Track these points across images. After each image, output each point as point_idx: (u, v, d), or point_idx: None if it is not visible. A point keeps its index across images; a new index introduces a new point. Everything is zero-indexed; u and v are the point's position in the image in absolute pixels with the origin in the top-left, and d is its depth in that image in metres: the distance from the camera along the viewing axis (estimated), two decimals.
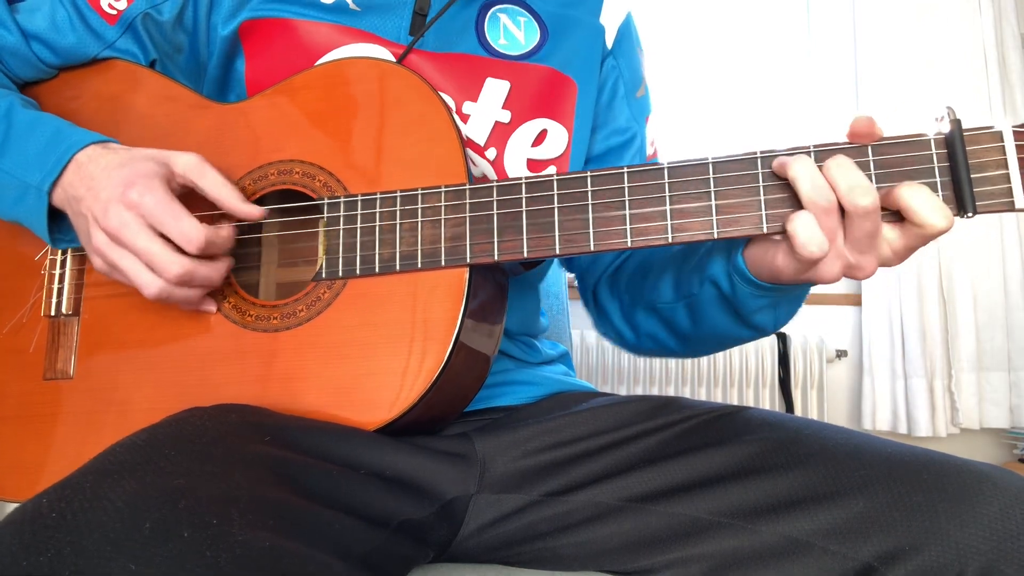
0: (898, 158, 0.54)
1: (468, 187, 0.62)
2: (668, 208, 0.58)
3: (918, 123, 2.06)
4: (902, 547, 0.53)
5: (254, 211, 0.64)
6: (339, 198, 0.65)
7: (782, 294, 0.63)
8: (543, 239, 0.60)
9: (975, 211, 0.52)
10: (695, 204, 0.57)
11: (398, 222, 0.63)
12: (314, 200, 0.66)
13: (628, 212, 0.58)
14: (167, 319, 0.67)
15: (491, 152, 0.75)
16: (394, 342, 0.61)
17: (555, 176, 0.60)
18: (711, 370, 2.02)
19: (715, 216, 0.57)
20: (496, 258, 0.60)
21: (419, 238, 0.62)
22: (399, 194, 0.63)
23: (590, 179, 0.59)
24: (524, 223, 0.60)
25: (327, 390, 0.62)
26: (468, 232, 0.61)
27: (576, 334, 2.01)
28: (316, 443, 0.55)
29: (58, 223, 0.67)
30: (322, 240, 0.65)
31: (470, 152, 0.68)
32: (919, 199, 0.51)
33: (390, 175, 0.65)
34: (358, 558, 0.49)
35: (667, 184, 0.58)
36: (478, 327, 0.64)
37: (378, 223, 0.63)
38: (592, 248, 0.59)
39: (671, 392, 2.02)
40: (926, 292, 2.07)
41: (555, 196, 0.60)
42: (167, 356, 0.66)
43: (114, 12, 0.74)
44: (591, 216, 0.59)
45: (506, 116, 0.76)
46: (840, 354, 2.11)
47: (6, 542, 0.36)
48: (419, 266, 0.62)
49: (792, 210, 0.55)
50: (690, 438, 0.65)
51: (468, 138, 0.74)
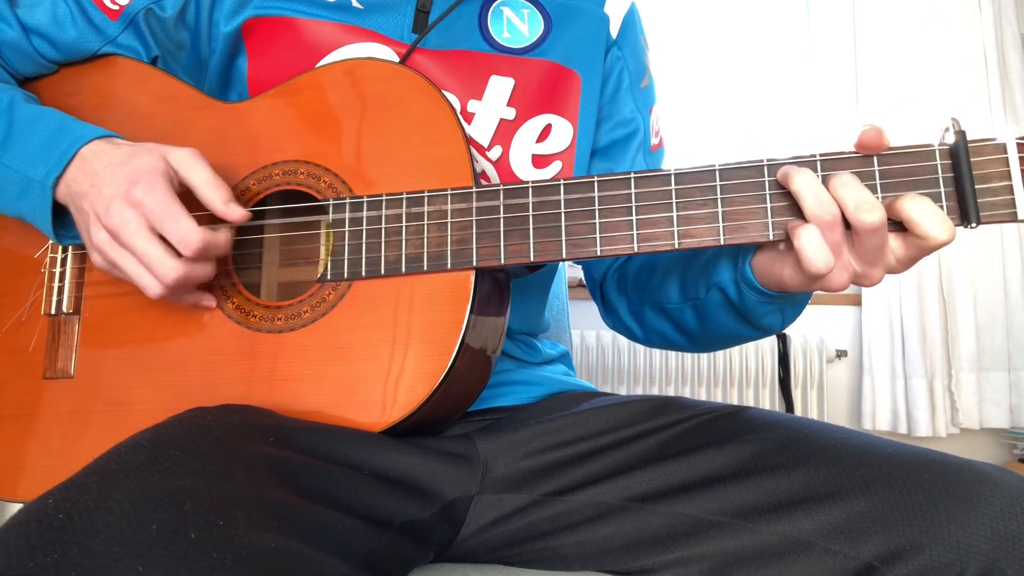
0: (902, 168, 0.54)
1: (475, 190, 0.62)
2: (675, 214, 0.58)
3: (918, 123, 2.07)
4: (903, 547, 0.53)
5: (237, 213, 0.62)
6: (344, 199, 0.65)
7: (788, 300, 0.63)
8: (549, 243, 0.60)
9: (979, 222, 0.53)
10: (701, 211, 0.57)
11: (404, 224, 0.63)
12: (319, 201, 0.66)
13: (635, 217, 0.58)
14: (169, 318, 0.67)
15: (496, 150, 0.75)
16: (399, 344, 0.61)
17: (562, 181, 0.60)
18: (711, 370, 2.02)
19: (721, 223, 0.57)
20: (502, 261, 0.60)
21: (425, 240, 0.62)
22: (405, 196, 0.63)
23: (597, 184, 0.59)
24: (531, 227, 0.60)
25: (331, 392, 0.61)
26: (474, 235, 0.61)
27: (576, 334, 2.01)
28: (319, 444, 0.55)
29: (61, 219, 0.67)
30: (325, 241, 0.65)
31: (473, 152, 0.68)
32: (921, 211, 0.51)
33: (395, 177, 0.64)
34: (360, 559, 0.50)
35: (674, 190, 0.58)
36: (483, 329, 0.64)
37: (384, 225, 0.63)
38: (599, 253, 0.59)
39: (671, 392, 2.02)
40: (926, 292, 2.07)
41: (562, 200, 0.60)
42: (169, 356, 0.66)
43: (116, 7, 0.73)
44: (598, 221, 0.59)
45: (511, 113, 0.76)
46: (840, 354, 2.10)
47: (12, 543, 0.36)
48: (425, 268, 0.62)
49: (797, 218, 0.55)
50: (691, 438, 0.65)
51: (471, 138, 0.74)
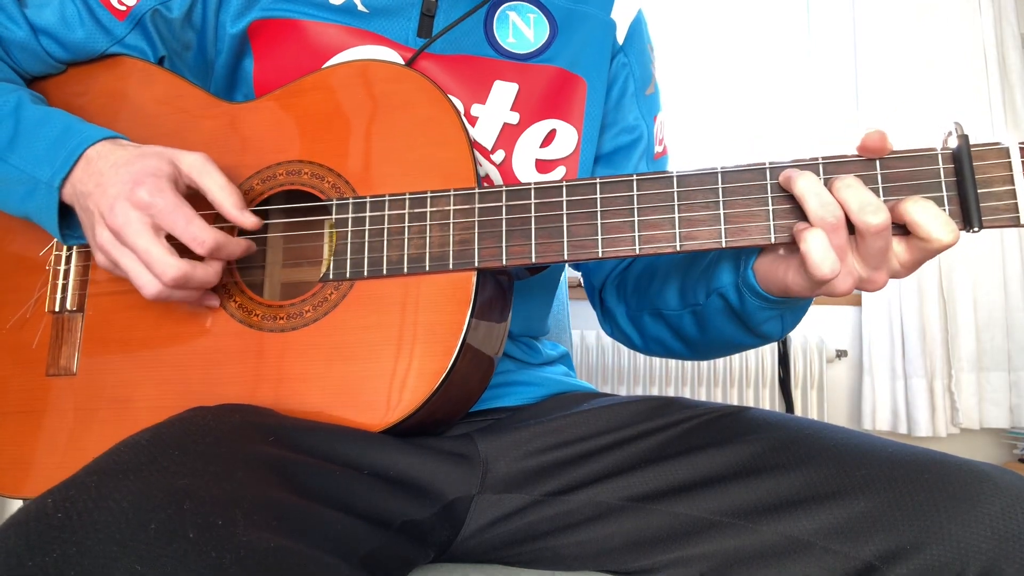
0: (905, 172, 0.54)
1: (477, 191, 0.62)
2: (676, 216, 0.58)
3: (918, 123, 2.06)
4: (903, 546, 0.53)
5: (250, 220, 0.63)
6: (348, 199, 0.65)
7: (788, 307, 0.63)
8: (551, 244, 0.60)
9: (981, 226, 0.53)
10: (703, 213, 0.57)
11: (406, 224, 0.63)
12: (322, 201, 0.66)
13: (636, 219, 0.58)
14: (172, 317, 0.67)
15: (499, 154, 0.75)
16: (401, 344, 0.61)
17: (564, 182, 0.60)
18: (711, 370, 2.03)
19: (723, 225, 0.57)
20: (504, 263, 0.60)
21: (427, 241, 0.62)
22: (408, 196, 0.63)
23: (599, 186, 0.60)
24: (533, 228, 0.60)
25: (332, 391, 0.62)
26: (476, 236, 0.61)
27: (576, 334, 2.01)
28: (319, 444, 0.55)
29: (68, 219, 0.67)
30: (328, 241, 0.65)
31: (476, 154, 0.68)
32: (925, 214, 0.51)
33: (399, 178, 0.65)
34: (360, 558, 0.50)
35: (676, 192, 0.58)
36: (484, 330, 0.64)
37: (386, 225, 0.64)
38: (600, 255, 0.59)
39: (671, 392, 2.02)
40: (926, 292, 2.07)
41: (564, 202, 0.60)
42: (171, 354, 0.66)
43: (123, 8, 0.74)
44: (600, 223, 0.59)
45: (515, 118, 0.75)
46: (840, 354, 2.10)
47: (11, 542, 0.36)
48: (427, 269, 0.62)
49: (800, 220, 0.55)
50: (691, 438, 0.65)
51: (475, 141, 0.74)
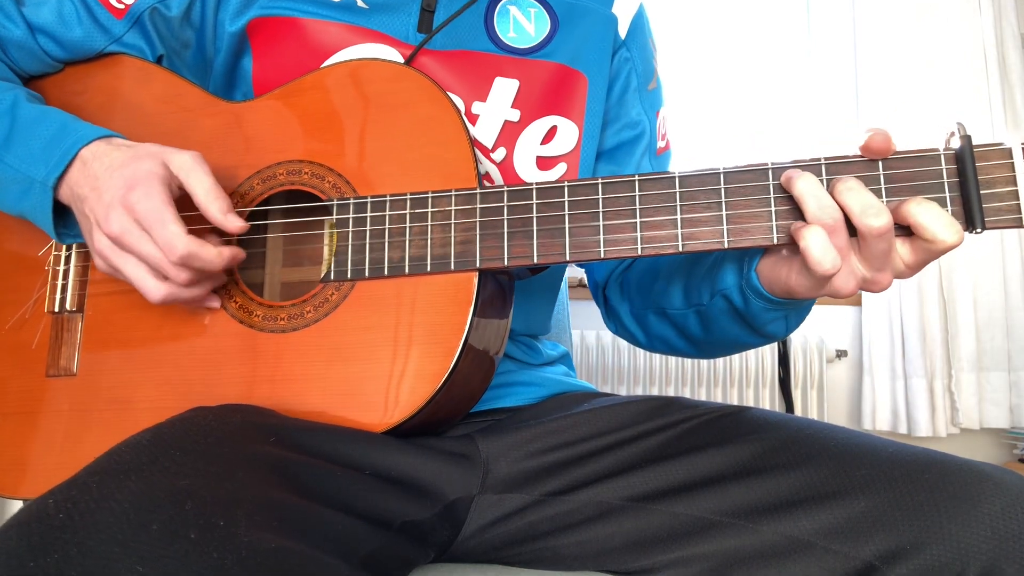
0: (907, 173, 0.54)
1: (479, 191, 0.62)
2: (679, 217, 0.58)
3: (918, 123, 2.06)
4: (904, 546, 0.53)
5: (235, 224, 0.62)
6: (348, 200, 0.65)
7: (793, 307, 0.63)
8: (553, 245, 0.60)
9: (984, 227, 0.53)
10: (705, 213, 0.57)
11: (408, 225, 0.63)
12: (323, 201, 0.66)
13: (639, 220, 0.58)
14: (172, 317, 0.67)
15: (500, 152, 0.75)
16: (402, 345, 0.61)
17: (566, 183, 0.60)
18: (711, 370, 2.03)
19: (725, 226, 0.57)
20: (506, 263, 0.60)
21: (428, 241, 0.62)
22: (409, 197, 0.63)
23: (601, 186, 0.60)
24: (535, 228, 0.60)
25: (333, 392, 0.61)
26: (478, 236, 0.61)
27: (576, 334, 2.01)
28: (320, 444, 0.55)
29: (63, 218, 0.67)
30: (329, 241, 0.65)
31: (477, 153, 0.68)
32: (928, 215, 0.51)
33: (400, 178, 0.64)
34: (360, 559, 0.49)
35: (678, 193, 0.58)
36: (485, 330, 0.64)
37: (388, 226, 0.63)
38: (602, 255, 0.59)
39: (671, 392, 2.02)
40: (926, 292, 2.07)
41: (566, 203, 0.60)
42: (171, 354, 0.66)
43: (121, 6, 0.73)
44: (601, 223, 0.59)
45: (515, 115, 0.75)
46: (840, 354, 2.10)
47: (13, 543, 0.36)
48: (428, 269, 0.62)
49: (801, 221, 0.55)
50: (691, 438, 0.65)
51: (475, 139, 0.74)
